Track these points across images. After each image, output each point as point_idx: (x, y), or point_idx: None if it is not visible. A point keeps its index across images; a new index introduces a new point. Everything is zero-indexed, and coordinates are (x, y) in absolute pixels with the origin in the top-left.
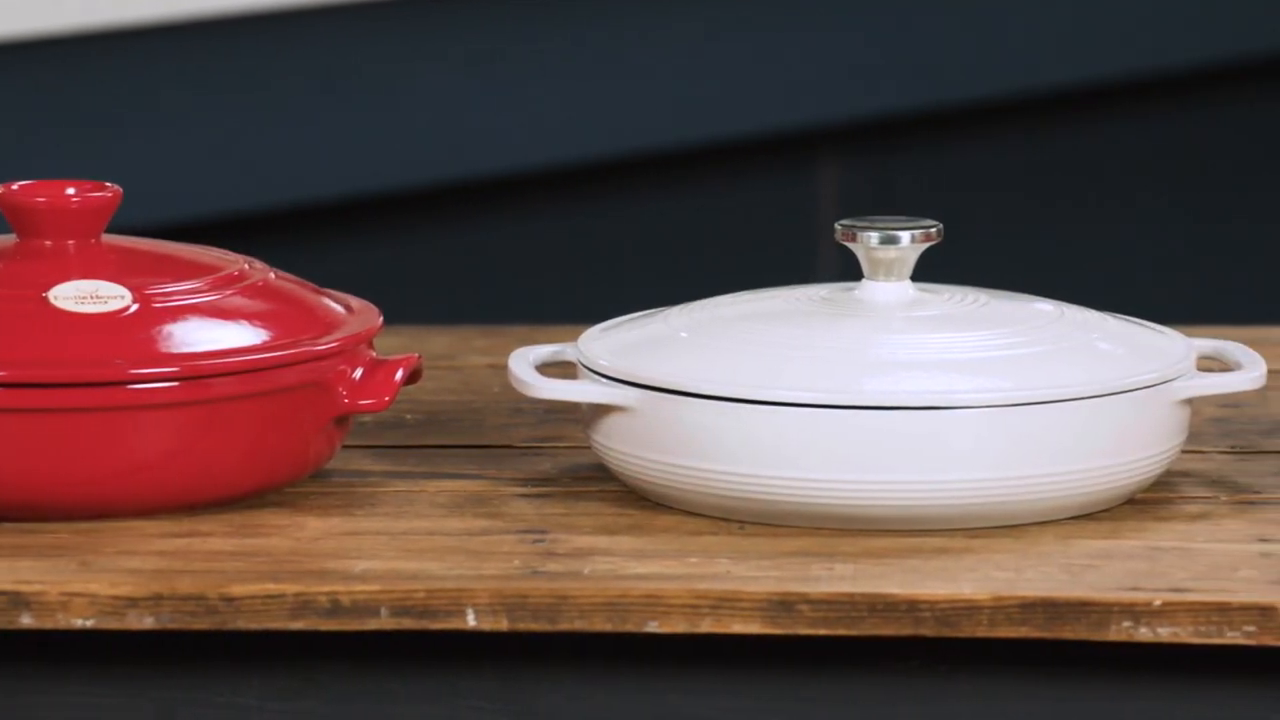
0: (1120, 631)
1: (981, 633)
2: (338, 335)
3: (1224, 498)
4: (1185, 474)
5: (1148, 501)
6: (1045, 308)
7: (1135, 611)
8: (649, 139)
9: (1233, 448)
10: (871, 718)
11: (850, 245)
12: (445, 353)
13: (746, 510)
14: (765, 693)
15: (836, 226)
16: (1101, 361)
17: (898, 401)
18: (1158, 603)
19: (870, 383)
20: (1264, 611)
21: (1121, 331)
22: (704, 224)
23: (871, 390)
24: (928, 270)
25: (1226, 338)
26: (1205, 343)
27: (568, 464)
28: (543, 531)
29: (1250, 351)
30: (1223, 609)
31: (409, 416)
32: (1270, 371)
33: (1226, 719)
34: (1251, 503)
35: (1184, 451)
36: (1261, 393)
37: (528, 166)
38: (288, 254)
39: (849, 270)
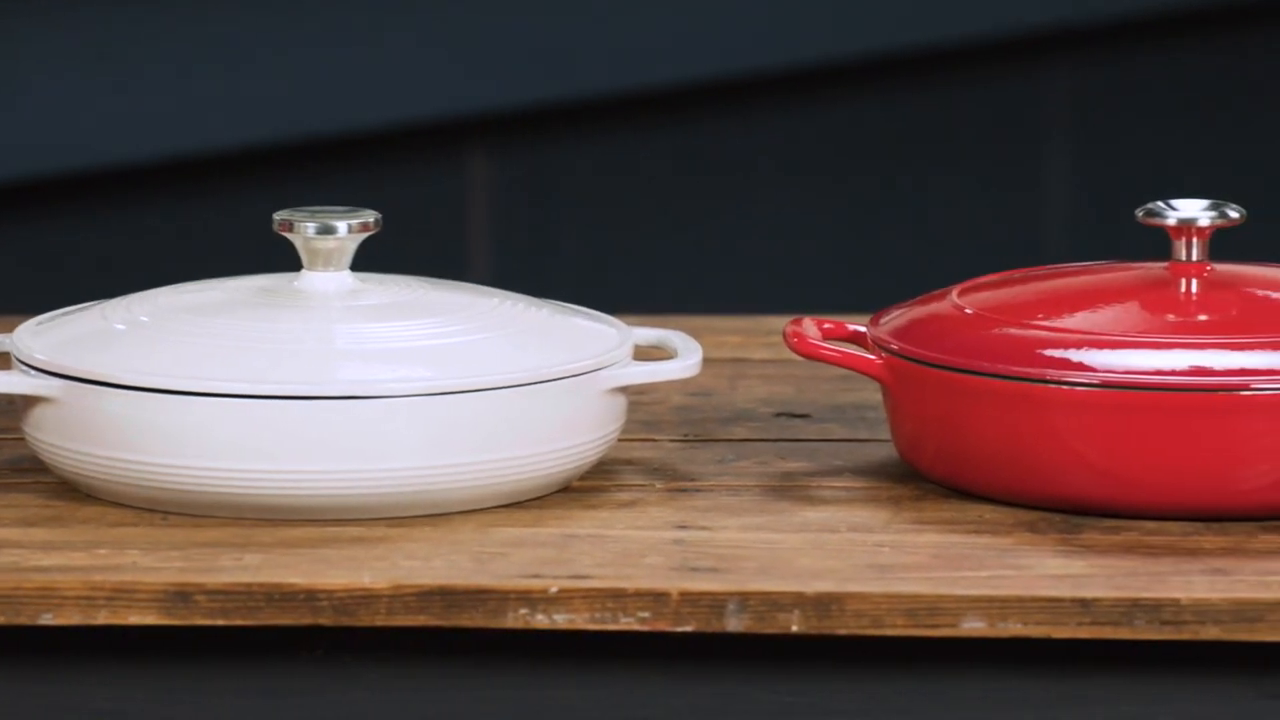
0: (518, 619)
1: (380, 621)
2: None
3: (659, 485)
4: (629, 462)
5: (583, 490)
6: (483, 297)
7: (532, 599)
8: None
9: (685, 436)
10: (277, 707)
11: (288, 236)
12: None
13: (169, 501)
14: (169, 683)
15: (274, 218)
16: (528, 351)
17: (319, 391)
18: (554, 590)
19: (293, 372)
20: (658, 598)
21: (558, 322)
22: None
23: (293, 380)
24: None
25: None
26: (647, 332)
27: (10, 456)
28: None
29: (690, 341)
30: (618, 595)
31: None
32: (737, 360)
33: (628, 704)
34: (684, 490)
35: (637, 439)
36: (731, 381)
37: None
38: None
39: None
